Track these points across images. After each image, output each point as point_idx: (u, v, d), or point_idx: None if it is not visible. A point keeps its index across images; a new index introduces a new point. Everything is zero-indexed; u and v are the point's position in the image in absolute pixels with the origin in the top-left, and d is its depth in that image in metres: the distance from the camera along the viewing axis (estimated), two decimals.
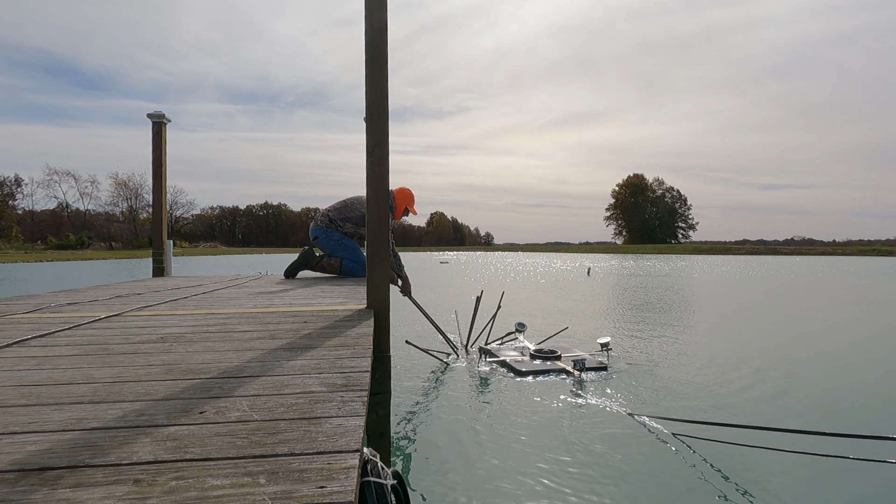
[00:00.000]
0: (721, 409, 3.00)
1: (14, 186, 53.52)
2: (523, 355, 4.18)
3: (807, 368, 4.10)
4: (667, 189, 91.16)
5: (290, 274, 4.29)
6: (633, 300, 9.57)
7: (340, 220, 4.19)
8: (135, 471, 0.64)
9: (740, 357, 4.43)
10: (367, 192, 2.16)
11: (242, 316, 2.07)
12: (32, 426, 0.80)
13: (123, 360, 1.26)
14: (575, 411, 2.92)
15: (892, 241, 72.81)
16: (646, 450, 2.36)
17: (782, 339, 5.52)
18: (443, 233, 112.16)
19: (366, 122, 2.15)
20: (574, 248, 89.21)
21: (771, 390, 3.43)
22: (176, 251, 45.22)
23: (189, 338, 1.57)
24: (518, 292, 11.01)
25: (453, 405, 3.05)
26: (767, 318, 7.14)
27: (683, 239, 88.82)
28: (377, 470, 0.77)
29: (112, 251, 49.37)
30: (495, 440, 2.48)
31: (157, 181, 4.59)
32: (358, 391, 0.98)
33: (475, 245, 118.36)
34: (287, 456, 0.68)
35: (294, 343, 1.47)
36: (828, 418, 2.90)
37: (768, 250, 68.04)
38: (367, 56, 2.13)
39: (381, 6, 2.13)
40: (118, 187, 59.30)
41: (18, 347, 1.44)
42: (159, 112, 4.50)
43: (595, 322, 6.43)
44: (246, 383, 1.04)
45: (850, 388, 3.54)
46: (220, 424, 0.80)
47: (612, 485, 2.02)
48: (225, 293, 3.12)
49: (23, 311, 2.23)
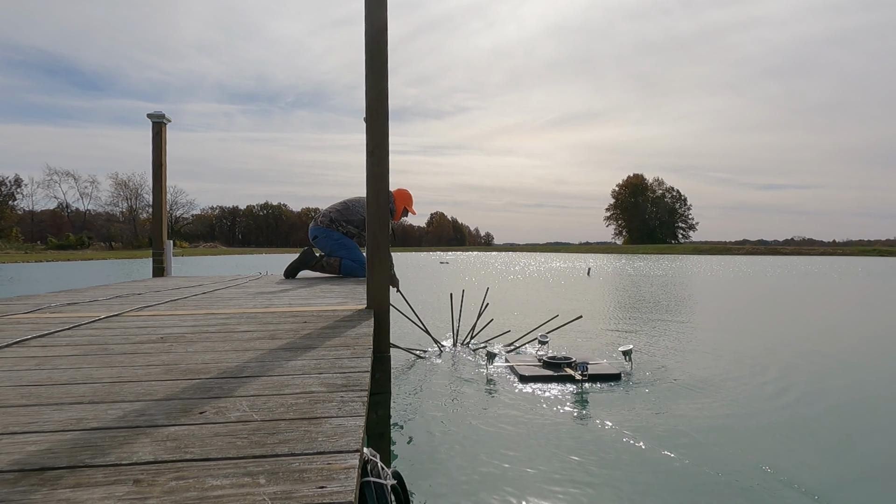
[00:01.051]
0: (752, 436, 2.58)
1: (14, 186, 53.59)
2: (536, 361, 3.95)
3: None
4: (667, 189, 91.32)
5: (289, 274, 4.29)
6: (639, 302, 9.54)
7: (342, 221, 4.20)
8: (135, 471, 0.64)
9: (778, 370, 3.93)
10: (367, 192, 2.17)
11: (242, 316, 2.07)
12: (32, 426, 0.80)
13: (123, 360, 1.26)
14: (576, 418, 2.84)
15: (892, 241, 72.82)
16: (642, 460, 2.36)
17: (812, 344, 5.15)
18: (443, 233, 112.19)
19: (366, 123, 2.15)
20: (574, 248, 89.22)
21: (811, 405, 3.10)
22: (176, 251, 45.23)
23: (189, 338, 1.57)
24: (520, 292, 11.01)
25: (453, 405, 3.05)
26: (794, 324, 6.75)
27: (683, 239, 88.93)
28: (377, 470, 0.77)
29: (112, 251, 49.38)
30: (495, 441, 2.48)
31: (157, 181, 4.59)
32: (358, 391, 0.98)
33: (475, 245, 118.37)
34: (287, 456, 0.68)
35: (294, 343, 1.47)
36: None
37: (768, 250, 68.05)
38: (367, 56, 2.13)
39: (381, 6, 2.13)
40: (118, 187, 59.39)
41: (18, 347, 1.44)
42: (159, 112, 4.50)
43: (604, 327, 6.27)
44: (246, 383, 1.04)
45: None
46: (220, 424, 0.80)
47: (608, 487, 2.02)
48: (225, 293, 3.12)
49: (23, 311, 2.23)
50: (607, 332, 5.72)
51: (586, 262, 33.23)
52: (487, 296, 5.59)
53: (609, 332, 5.73)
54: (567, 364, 3.77)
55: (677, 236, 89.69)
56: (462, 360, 4.25)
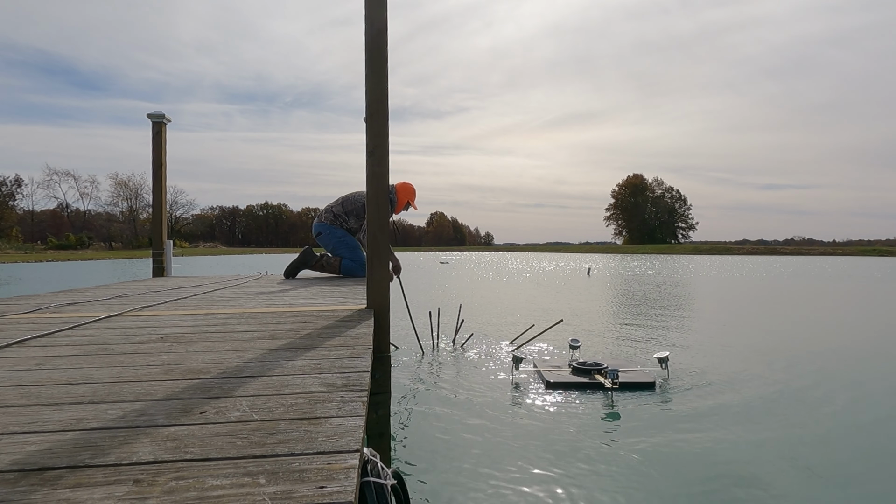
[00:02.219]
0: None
1: (14, 186, 53.56)
2: (565, 366, 3.70)
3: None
4: (666, 189, 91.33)
5: (289, 274, 4.29)
6: (643, 303, 9.54)
7: (344, 214, 4.21)
8: (135, 471, 0.64)
9: (839, 383, 3.59)
10: (367, 191, 2.16)
11: (242, 316, 2.07)
12: (32, 426, 0.80)
13: (123, 361, 1.26)
14: (595, 426, 2.71)
15: (892, 242, 72.81)
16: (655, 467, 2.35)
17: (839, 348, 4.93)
18: (443, 233, 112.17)
19: (366, 122, 2.15)
20: (574, 248, 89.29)
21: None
22: (176, 251, 45.24)
23: (189, 338, 1.57)
24: (520, 293, 11.02)
25: (454, 405, 3.05)
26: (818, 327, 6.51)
27: (683, 239, 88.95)
28: (377, 470, 0.77)
29: (112, 251, 49.36)
30: (496, 441, 2.48)
31: (157, 181, 4.59)
32: (358, 391, 0.98)
33: (475, 245, 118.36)
34: (287, 456, 0.68)
35: (294, 343, 1.47)
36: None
37: (768, 250, 68.08)
38: (367, 56, 2.13)
39: (381, 6, 2.13)
40: (118, 187, 59.40)
41: (18, 347, 1.44)
42: (159, 112, 4.50)
43: (624, 332, 6.14)
44: (246, 383, 1.04)
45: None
46: (220, 424, 0.80)
47: (608, 490, 2.02)
48: (225, 293, 3.12)
49: (23, 311, 2.23)
50: (630, 336, 5.57)
51: (587, 262, 33.21)
52: (489, 295, 5.58)
53: (632, 336, 5.61)
54: (598, 370, 3.50)
55: (677, 236, 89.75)
56: (463, 361, 4.25)
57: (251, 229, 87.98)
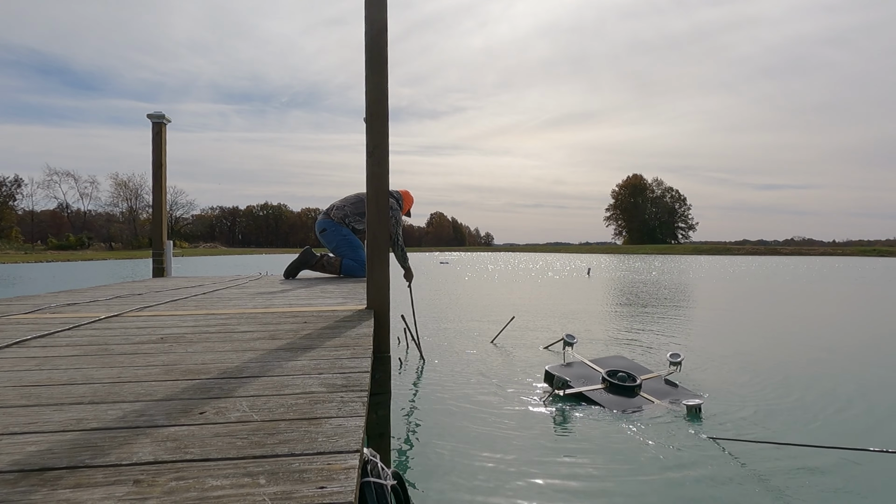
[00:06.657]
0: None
1: (14, 187, 53.60)
2: (599, 383, 3.30)
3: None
4: (666, 189, 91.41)
5: (290, 274, 4.29)
6: (645, 303, 9.54)
7: (356, 215, 4.17)
8: (135, 471, 0.64)
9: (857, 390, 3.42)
10: (367, 192, 2.17)
11: (242, 316, 2.07)
12: (32, 426, 0.80)
13: (123, 361, 1.26)
14: (598, 424, 2.71)
15: (892, 242, 72.82)
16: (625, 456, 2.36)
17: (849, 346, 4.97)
18: (442, 233, 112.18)
19: (366, 123, 2.15)
20: (574, 248, 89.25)
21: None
22: (176, 251, 45.22)
23: (189, 338, 1.57)
24: (522, 293, 11.02)
25: (453, 406, 3.05)
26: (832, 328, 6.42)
27: (683, 239, 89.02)
28: (377, 470, 0.77)
29: (112, 252, 49.39)
30: (496, 441, 2.48)
31: (156, 181, 4.59)
32: (358, 391, 0.98)
33: (475, 245, 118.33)
34: (287, 456, 0.68)
35: (294, 343, 1.47)
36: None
37: (768, 250, 68.12)
38: (367, 56, 2.13)
39: (381, 6, 2.13)
40: (118, 188, 59.50)
41: (18, 348, 1.44)
42: (159, 112, 4.50)
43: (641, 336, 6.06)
44: (246, 384, 1.04)
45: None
46: (220, 425, 0.80)
47: (604, 484, 2.02)
48: (225, 293, 3.12)
49: (23, 312, 2.23)
50: (643, 337, 5.58)
51: (587, 262, 33.19)
52: (492, 294, 5.59)
53: (643, 336, 5.66)
54: (637, 386, 3.23)
55: (677, 236, 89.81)
56: (464, 361, 4.25)
57: (251, 230, 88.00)
